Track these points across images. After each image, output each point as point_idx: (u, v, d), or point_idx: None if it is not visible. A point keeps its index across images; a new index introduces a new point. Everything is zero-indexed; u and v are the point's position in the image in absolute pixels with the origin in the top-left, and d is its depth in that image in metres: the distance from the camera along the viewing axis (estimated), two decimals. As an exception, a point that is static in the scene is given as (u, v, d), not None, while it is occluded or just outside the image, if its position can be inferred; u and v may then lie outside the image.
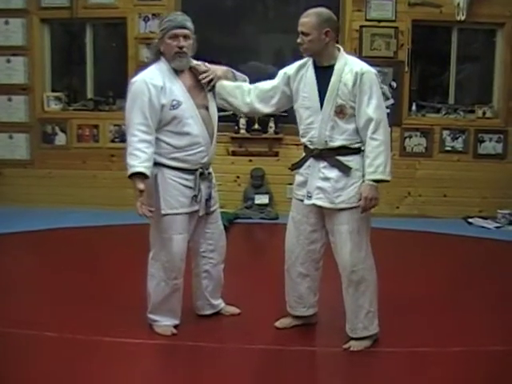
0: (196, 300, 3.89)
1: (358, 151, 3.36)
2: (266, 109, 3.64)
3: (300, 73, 3.47)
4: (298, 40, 3.38)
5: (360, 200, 3.31)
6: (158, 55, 3.57)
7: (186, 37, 3.48)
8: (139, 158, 3.37)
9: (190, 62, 3.58)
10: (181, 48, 3.46)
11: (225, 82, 3.65)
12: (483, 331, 3.74)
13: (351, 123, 3.33)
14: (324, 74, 3.37)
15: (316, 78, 3.39)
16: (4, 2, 7.09)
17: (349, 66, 3.34)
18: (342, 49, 3.44)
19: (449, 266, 5.15)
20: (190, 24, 3.51)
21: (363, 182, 3.33)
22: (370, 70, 3.34)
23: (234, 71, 3.78)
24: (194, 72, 3.61)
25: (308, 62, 3.47)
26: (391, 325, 3.65)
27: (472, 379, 3.17)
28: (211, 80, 3.61)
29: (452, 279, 4.77)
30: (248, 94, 3.61)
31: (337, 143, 3.35)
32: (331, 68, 3.36)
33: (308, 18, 3.34)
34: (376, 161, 3.26)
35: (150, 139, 3.42)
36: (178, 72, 3.53)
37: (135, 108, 3.42)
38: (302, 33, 3.35)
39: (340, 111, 3.31)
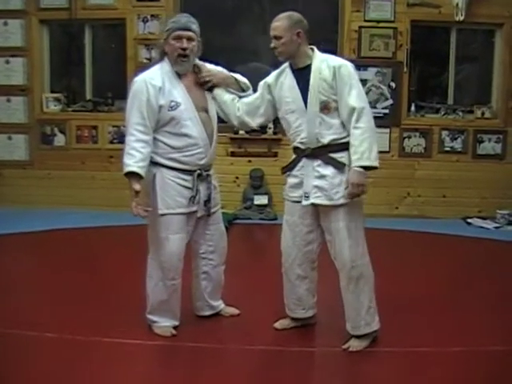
0: (195, 301, 3.88)
1: (348, 147, 3.37)
2: (254, 121, 3.69)
3: (279, 80, 3.52)
4: (272, 45, 3.44)
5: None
6: (162, 55, 3.58)
7: (189, 39, 3.48)
8: (134, 158, 3.39)
9: (193, 63, 3.59)
10: (184, 50, 3.47)
11: (222, 91, 3.67)
12: (483, 331, 3.74)
13: (336, 118, 3.36)
14: (302, 75, 3.41)
15: (296, 81, 3.44)
16: (3, 2, 7.10)
17: (325, 62, 3.39)
18: (315, 48, 3.49)
19: (448, 266, 5.15)
20: (195, 26, 3.52)
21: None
22: (346, 64, 3.39)
23: (238, 78, 3.76)
24: (196, 71, 3.61)
25: (285, 68, 3.52)
26: (391, 325, 3.65)
27: (472, 379, 3.17)
28: (207, 82, 3.62)
29: (451, 279, 4.77)
30: (238, 109, 3.67)
31: (327, 139, 3.37)
32: (308, 68, 3.41)
33: (279, 22, 3.41)
34: (360, 148, 3.28)
35: (146, 139, 3.44)
36: (180, 73, 3.54)
37: (134, 107, 3.45)
38: (275, 37, 3.41)
39: (324, 107, 3.35)
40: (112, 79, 7.57)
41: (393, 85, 6.96)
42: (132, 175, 3.41)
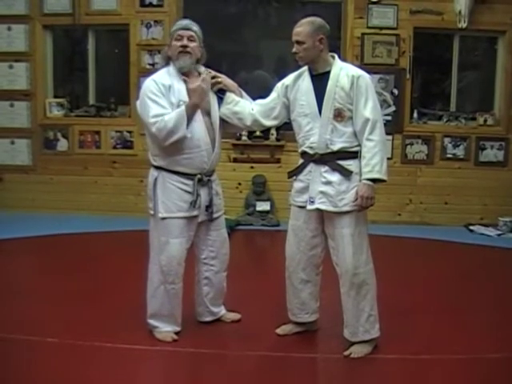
0: (197, 306, 3.89)
1: (356, 155, 3.40)
2: (268, 122, 3.70)
3: (297, 82, 3.54)
4: (294, 49, 3.46)
5: (357, 199, 3.34)
6: (167, 60, 3.62)
7: (190, 38, 3.52)
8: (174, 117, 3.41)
9: (194, 63, 3.61)
10: (184, 47, 3.50)
11: (233, 94, 3.70)
12: (484, 338, 3.73)
13: (349, 126, 3.39)
14: (320, 80, 3.44)
15: (313, 85, 3.46)
16: (7, 7, 7.12)
17: (344, 70, 3.42)
18: (336, 56, 3.53)
19: (450, 273, 5.14)
20: (195, 28, 3.57)
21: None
22: (364, 74, 3.43)
23: (243, 92, 3.81)
24: (203, 76, 3.64)
25: (304, 71, 3.54)
26: (392, 331, 3.65)
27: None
28: (218, 82, 3.66)
29: (453, 287, 4.76)
30: (252, 109, 3.68)
31: (337, 146, 3.39)
32: (327, 74, 3.43)
33: (302, 28, 3.42)
34: (372, 160, 3.31)
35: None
36: (181, 71, 3.56)
37: (147, 101, 3.45)
38: (297, 42, 3.43)
39: (338, 114, 3.37)
40: (115, 84, 7.58)
41: (395, 91, 6.96)
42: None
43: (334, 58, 3.50)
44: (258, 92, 3.86)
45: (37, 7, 7.12)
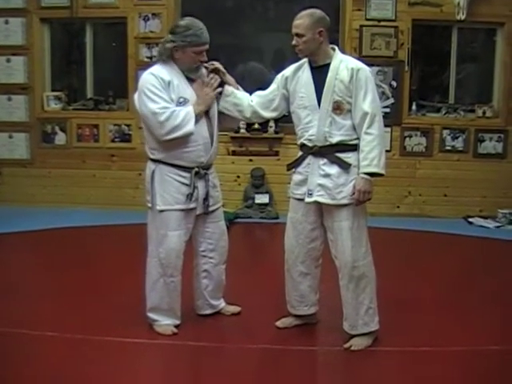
0: (196, 299, 3.89)
1: (355, 148, 3.39)
2: (267, 113, 3.70)
3: (297, 74, 3.54)
4: (293, 42, 3.45)
5: (354, 193, 3.34)
6: (168, 58, 3.55)
7: (207, 51, 3.57)
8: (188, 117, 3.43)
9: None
10: (202, 62, 3.56)
11: (231, 87, 3.71)
12: (483, 330, 3.74)
13: (348, 119, 3.38)
14: (320, 72, 3.43)
15: (312, 78, 3.45)
16: (4, 1, 7.08)
17: (344, 63, 3.41)
18: (336, 48, 3.51)
19: (449, 265, 5.15)
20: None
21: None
22: (364, 67, 3.41)
23: (240, 87, 3.80)
24: (211, 81, 3.65)
25: (304, 63, 3.54)
26: (391, 324, 3.65)
27: (472, 378, 3.17)
28: (223, 73, 3.68)
29: (452, 279, 4.77)
30: (251, 100, 3.69)
31: (335, 139, 3.39)
32: (327, 66, 3.42)
33: (301, 20, 3.41)
34: (370, 154, 3.30)
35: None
36: (191, 77, 3.59)
37: (150, 95, 3.43)
38: (297, 34, 3.42)
39: (337, 107, 3.36)
40: (113, 78, 7.56)
41: (394, 84, 6.94)
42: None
43: (334, 50, 3.49)
44: (252, 84, 3.84)
45: (34, 0, 7.08)
